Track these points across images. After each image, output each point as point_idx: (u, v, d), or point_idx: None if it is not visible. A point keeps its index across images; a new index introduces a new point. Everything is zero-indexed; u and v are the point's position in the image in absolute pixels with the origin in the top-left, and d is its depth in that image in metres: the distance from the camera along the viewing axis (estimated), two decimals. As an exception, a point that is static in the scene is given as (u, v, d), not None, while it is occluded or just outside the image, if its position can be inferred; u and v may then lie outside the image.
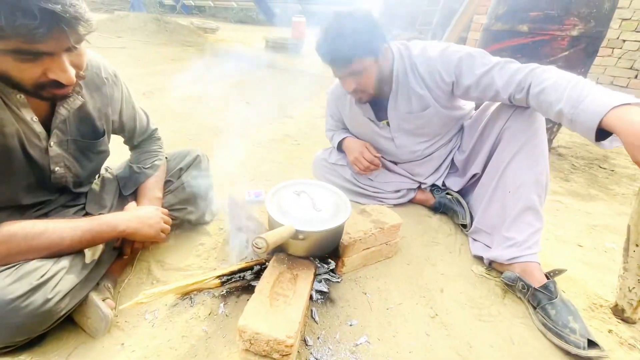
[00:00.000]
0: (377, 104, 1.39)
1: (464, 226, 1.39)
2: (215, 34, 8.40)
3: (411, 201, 1.59)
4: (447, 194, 1.50)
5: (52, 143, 0.84)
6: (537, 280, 1.04)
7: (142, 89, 3.18)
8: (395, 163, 1.56)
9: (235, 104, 3.14)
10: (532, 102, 1.04)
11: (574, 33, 1.94)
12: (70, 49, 0.67)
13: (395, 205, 1.54)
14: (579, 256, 1.38)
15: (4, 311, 0.65)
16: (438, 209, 1.52)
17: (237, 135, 2.38)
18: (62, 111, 0.83)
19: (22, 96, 0.75)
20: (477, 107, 1.43)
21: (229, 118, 2.73)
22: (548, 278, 1.04)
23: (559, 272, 1.05)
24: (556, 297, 0.98)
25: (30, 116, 0.78)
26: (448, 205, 1.48)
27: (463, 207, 1.41)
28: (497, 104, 1.24)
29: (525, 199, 1.11)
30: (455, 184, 1.49)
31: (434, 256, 1.27)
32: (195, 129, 2.42)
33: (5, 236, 0.71)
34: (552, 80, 0.97)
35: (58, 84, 0.69)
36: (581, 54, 2.01)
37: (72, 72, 0.68)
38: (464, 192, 1.48)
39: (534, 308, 1.02)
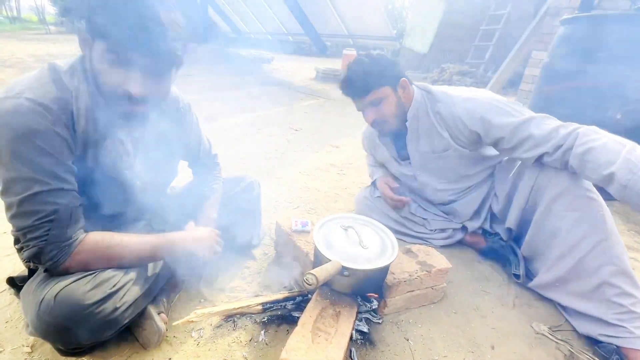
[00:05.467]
0: (401, 142, 1.43)
1: (517, 276, 1.28)
2: (271, 63, 9.05)
3: (460, 242, 1.51)
4: (501, 238, 1.41)
5: (137, 161, 0.95)
6: None
7: (203, 114, 3.49)
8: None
9: (284, 131, 3.30)
10: (573, 162, 0.99)
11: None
12: None
13: (442, 246, 1.48)
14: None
15: (81, 315, 0.73)
16: (488, 254, 1.43)
17: (284, 162, 2.49)
18: (147, 135, 0.94)
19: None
20: None
21: (278, 144, 2.87)
22: None
23: None
24: None
25: (124, 137, 0.89)
26: (499, 251, 1.38)
27: (517, 256, 1.31)
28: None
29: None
30: (502, 231, 1.40)
31: (484, 307, 1.18)
32: (247, 153, 2.58)
33: (91, 244, 0.80)
34: (601, 142, 0.93)
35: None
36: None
37: None
38: (519, 235, 1.38)
39: None
